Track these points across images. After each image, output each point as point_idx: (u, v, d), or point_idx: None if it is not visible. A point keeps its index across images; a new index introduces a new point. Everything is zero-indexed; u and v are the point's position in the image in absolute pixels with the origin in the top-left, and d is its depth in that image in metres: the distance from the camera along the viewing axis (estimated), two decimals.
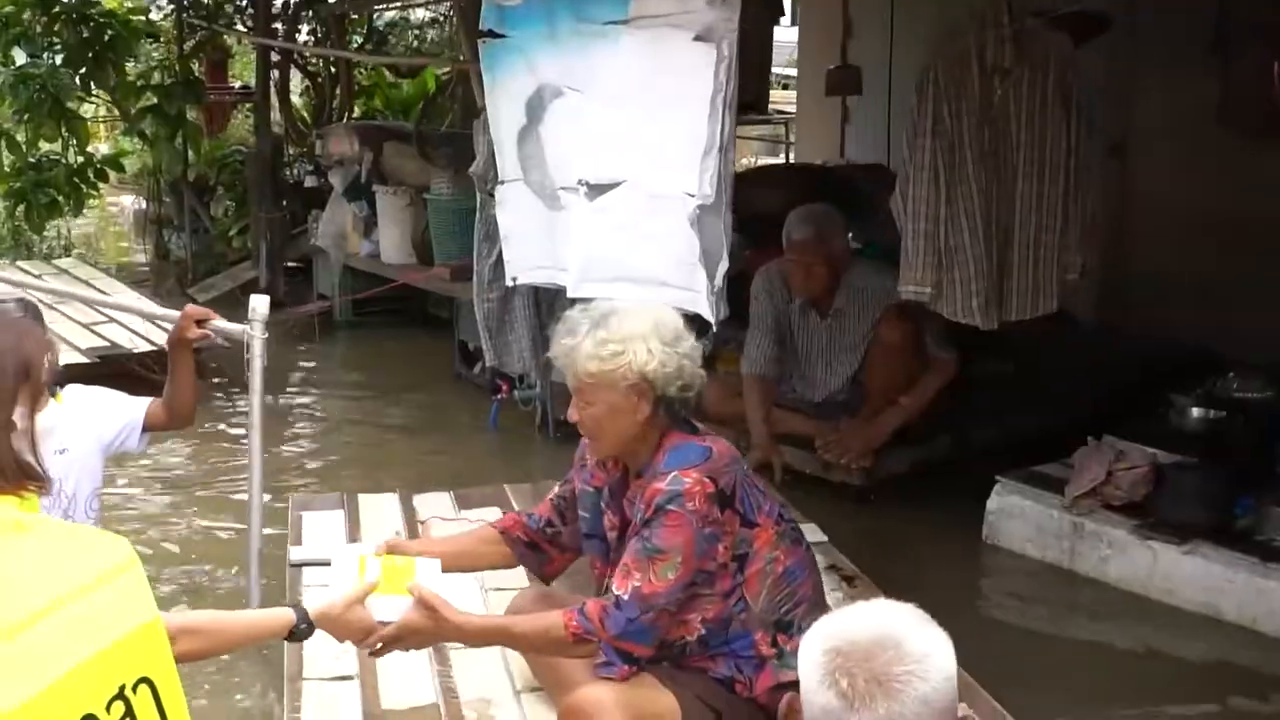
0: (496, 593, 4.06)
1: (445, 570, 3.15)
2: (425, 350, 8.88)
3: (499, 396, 7.07)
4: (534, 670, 3.50)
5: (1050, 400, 6.49)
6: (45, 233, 11.64)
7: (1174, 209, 7.49)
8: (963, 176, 5.06)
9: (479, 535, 3.55)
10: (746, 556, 3.09)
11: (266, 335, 3.98)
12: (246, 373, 4.02)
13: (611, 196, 4.66)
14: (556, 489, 3.46)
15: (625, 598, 2.98)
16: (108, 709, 1.76)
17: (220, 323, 3.89)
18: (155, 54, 11.43)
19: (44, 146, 11.04)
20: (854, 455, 5.73)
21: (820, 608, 3.20)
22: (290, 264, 10.32)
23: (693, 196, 4.34)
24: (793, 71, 12.59)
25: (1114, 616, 4.93)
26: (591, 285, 4.75)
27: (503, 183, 5.26)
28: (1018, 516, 5.44)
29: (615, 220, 4.65)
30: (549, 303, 6.47)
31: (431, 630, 3.00)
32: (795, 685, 3.15)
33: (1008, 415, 6.36)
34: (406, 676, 3.59)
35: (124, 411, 3.82)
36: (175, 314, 3.96)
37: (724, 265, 4.38)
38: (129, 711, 1.80)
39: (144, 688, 1.82)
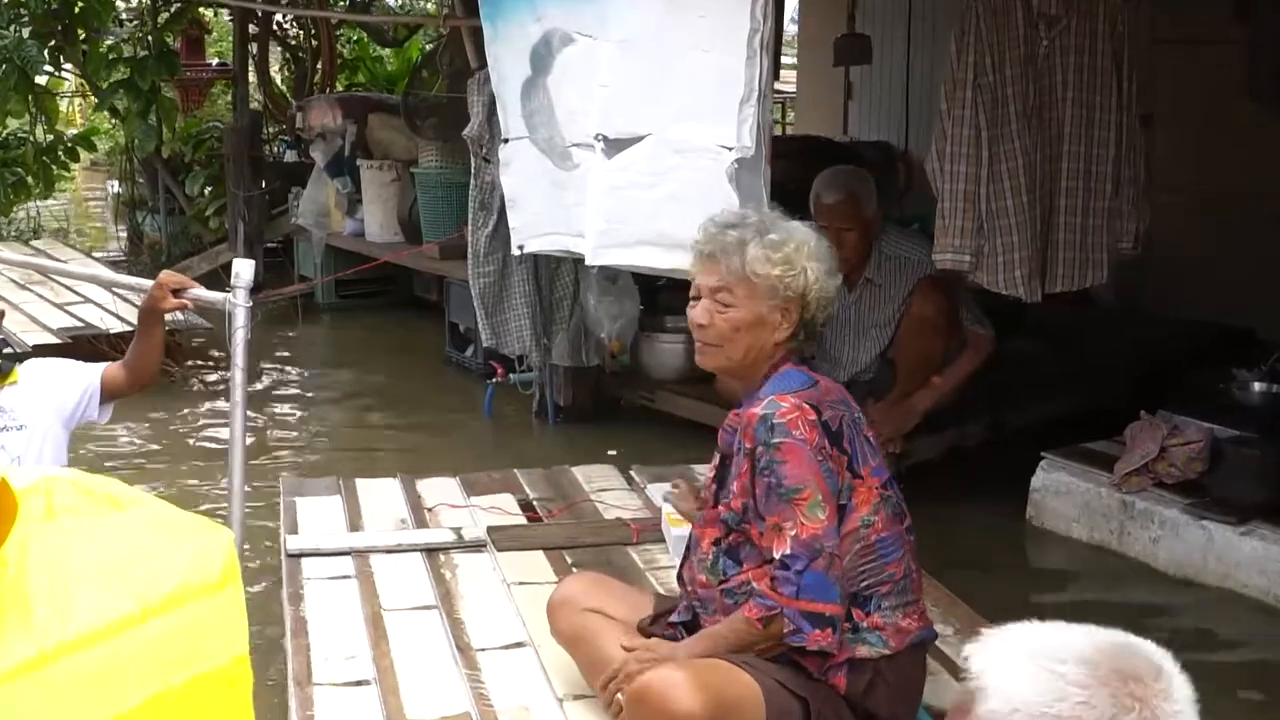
0: (519, 587, 3.70)
1: None
2: (413, 334, 8.49)
3: (494, 381, 6.64)
4: (585, 671, 3.11)
5: (1086, 381, 6.26)
6: (14, 215, 11.20)
7: (1198, 184, 7.15)
8: (1005, 134, 4.71)
9: None
10: (844, 509, 2.78)
11: (250, 304, 3.57)
12: (228, 345, 3.61)
13: (632, 153, 4.22)
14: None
15: (788, 552, 2.70)
16: None
17: (199, 291, 3.63)
18: (129, 25, 10.94)
19: (11, 124, 10.63)
20: (885, 439, 5.31)
21: (907, 597, 2.87)
22: (269, 245, 9.88)
23: (729, 149, 3.91)
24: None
25: (1165, 601, 4.68)
26: (611, 251, 4.33)
27: (506, 141, 4.82)
28: (1064, 495, 5.18)
29: (637, 179, 4.21)
30: (549, 277, 6.10)
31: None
32: (868, 664, 2.82)
33: (1043, 397, 6.09)
34: (431, 682, 3.21)
35: (80, 379, 3.58)
36: (148, 283, 3.68)
37: None
38: None
39: None
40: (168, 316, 3.81)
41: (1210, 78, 7.00)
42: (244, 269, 3.57)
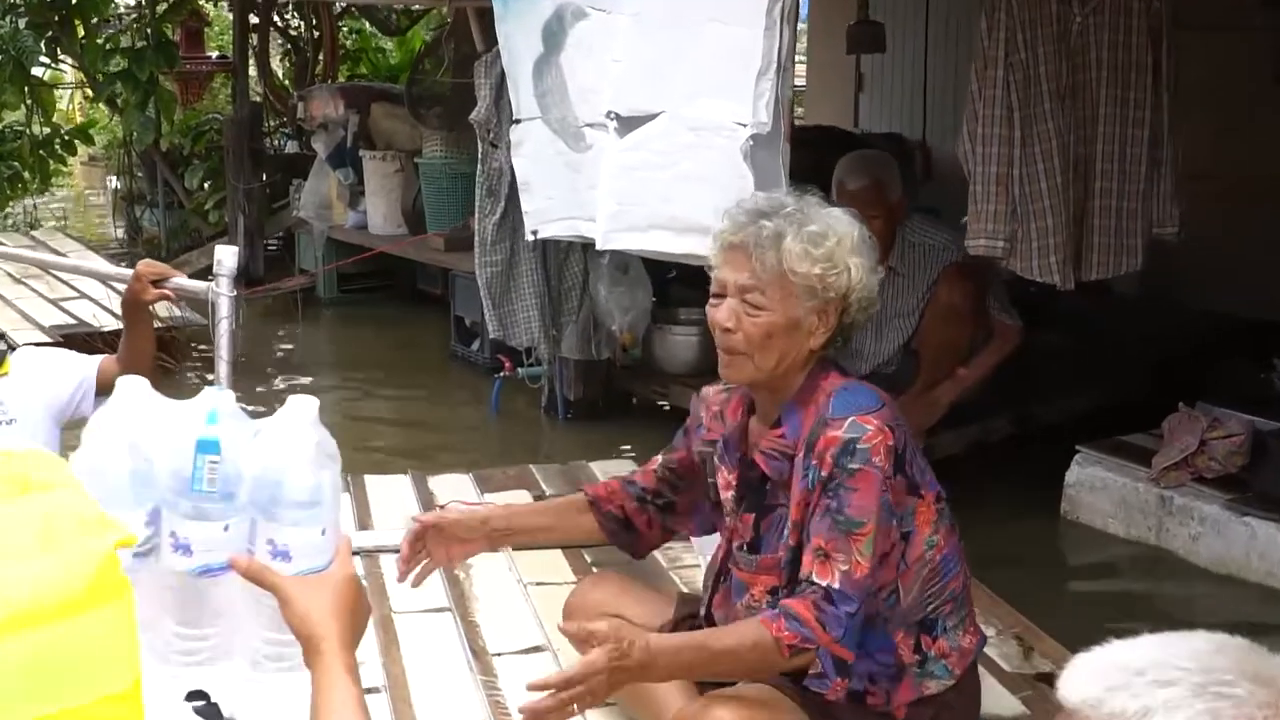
0: (537, 588, 3.51)
1: (523, 545, 2.73)
2: (416, 328, 8.27)
3: (501, 375, 6.44)
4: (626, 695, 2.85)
5: (1110, 374, 6.09)
6: (10, 210, 11.02)
7: (1222, 172, 6.97)
8: (1038, 114, 4.53)
9: (566, 504, 2.95)
10: (909, 535, 2.52)
11: (235, 294, 3.37)
12: (212, 337, 3.42)
13: (645, 131, 4.05)
14: (660, 458, 2.87)
15: (836, 587, 2.39)
16: None
17: (181, 280, 3.39)
18: (127, 18, 10.76)
19: (6, 117, 10.45)
20: None
21: (964, 610, 2.66)
22: (269, 241, 9.70)
23: (744, 126, 3.73)
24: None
25: (1205, 600, 4.50)
26: (623, 235, 4.16)
27: (518, 122, 4.64)
28: (1100, 490, 5.00)
29: (650, 158, 4.04)
30: (558, 266, 5.90)
31: (620, 668, 2.29)
32: (938, 700, 2.58)
33: (1067, 390, 5.92)
34: (445, 689, 3.07)
35: (75, 371, 3.35)
36: (129, 273, 3.46)
37: None
38: None
39: None
40: (162, 311, 3.59)
41: (1234, 64, 6.81)
42: (226, 256, 3.37)
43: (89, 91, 12.92)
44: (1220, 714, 1.16)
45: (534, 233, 4.78)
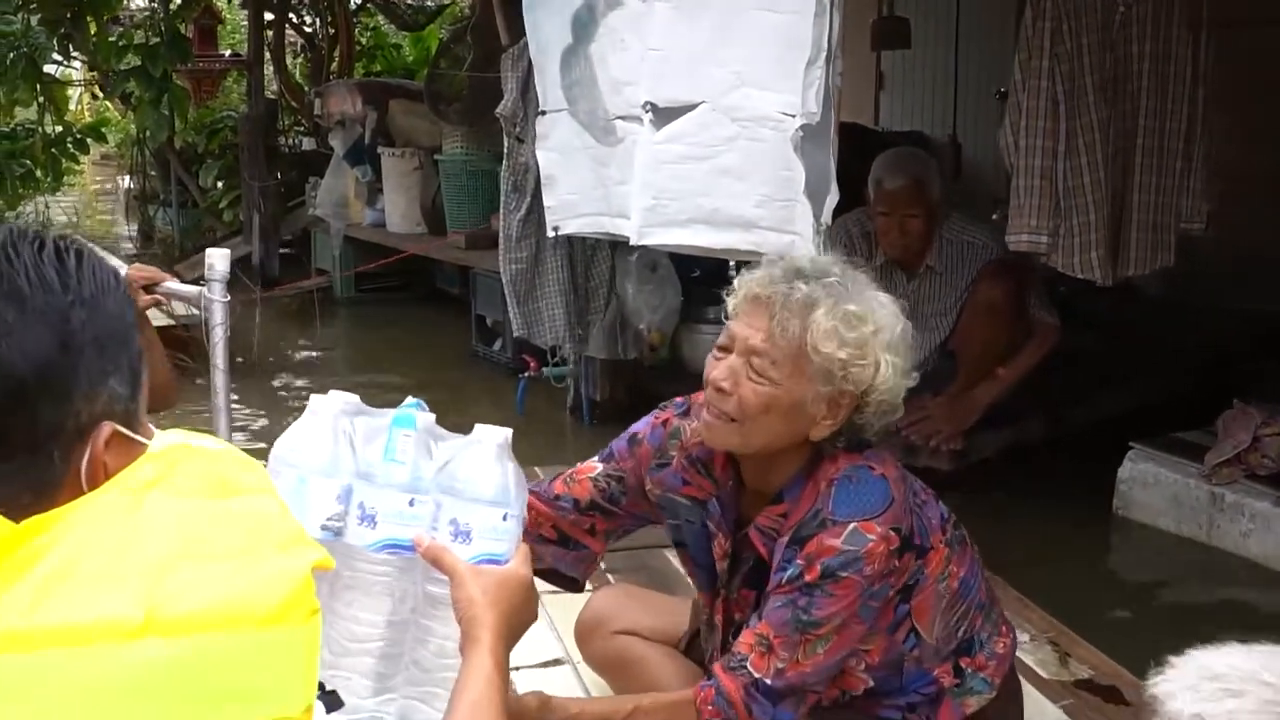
0: (553, 597, 3.35)
1: None
2: (436, 328, 8.17)
3: (526, 375, 6.31)
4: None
5: (1145, 374, 5.96)
6: (21, 209, 10.92)
7: (1245, 170, 6.83)
8: (1082, 107, 4.39)
9: None
10: (914, 586, 2.29)
11: (228, 299, 3.20)
12: (206, 345, 3.25)
13: (684, 122, 3.90)
14: (600, 467, 2.52)
15: (768, 682, 2.19)
16: None
17: (173, 284, 3.17)
18: (139, 14, 10.67)
19: (19, 114, 10.35)
20: (945, 436, 4.99)
21: (993, 615, 2.48)
22: (285, 240, 9.59)
23: (792, 116, 3.59)
24: None
25: (1259, 596, 4.40)
26: (660, 231, 4.01)
27: (544, 113, 4.51)
28: (1152, 486, 4.92)
29: (689, 151, 3.89)
30: (585, 263, 5.78)
31: None
32: (980, 715, 2.41)
33: (1103, 391, 5.77)
34: None
35: None
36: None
37: (832, 199, 3.63)
38: None
39: None
40: (179, 309, 3.43)
41: (1263, 59, 6.67)
42: (218, 260, 3.15)
43: (97, 90, 12.88)
44: None
45: (555, 229, 4.65)
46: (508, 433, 1.83)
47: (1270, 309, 6.41)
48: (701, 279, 5.96)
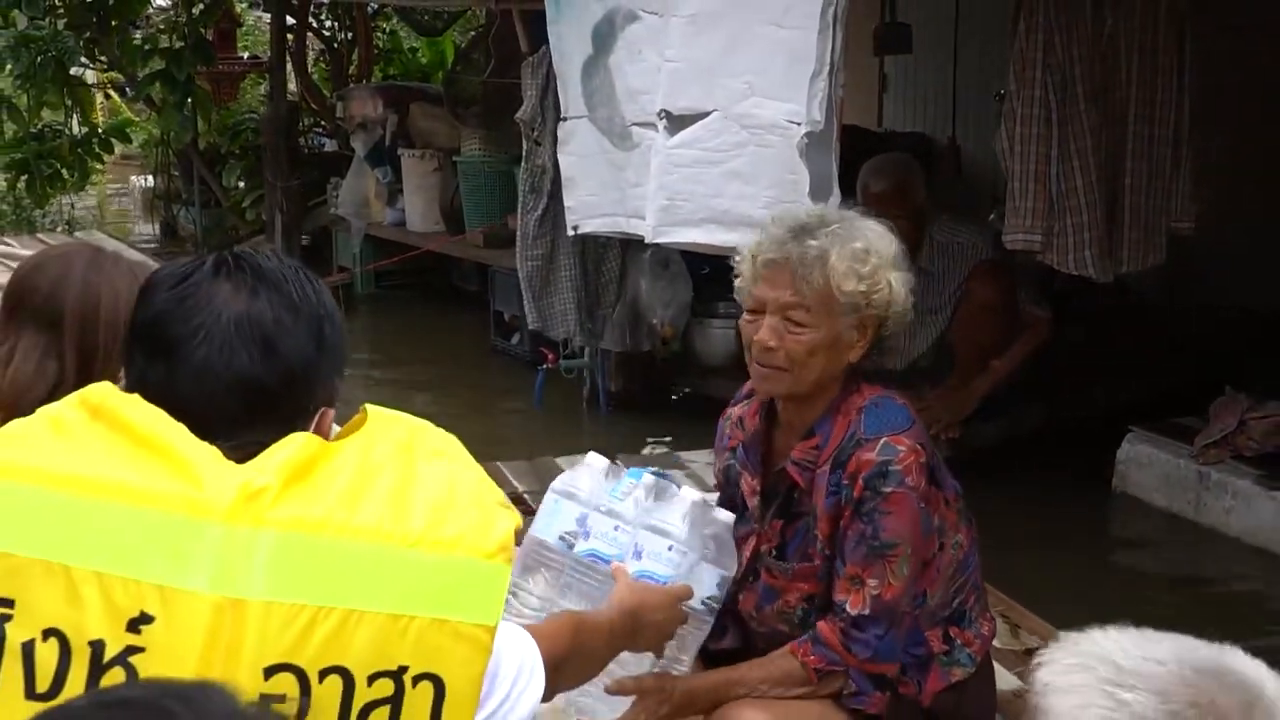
0: None
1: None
2: (455, 323, 8.43)
3: (544, 367, 6.56)
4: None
5: (1138, 369, 6.16)
6: (48, 207, 11.18)
7: (1238, 170, 7.03)
8: (1073, 114, 4.67)
9: None
10: (942, 546, 2.56)
11: None
12: None
13: (697, 129, 4.19)
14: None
15: (866, 613, 2.45)
16: (369, 681, 1.38)
17: None
18: (160, 19, 10.93)
19: (46, 116, 10.60)
20: (943, 426, 5.25)
21: (982, 593, 2.74)
22: (304, 239, 9.82)
23: (798, 124, 3.86)
24: None
25: (1236, 569, 4.81)
26: (673, 230, 4.29)
27: (565, 119, 4.78)
28: (1146, 466, 5.31)
29: (701, 155, 4.18)
30: (595, 261, 6.05)
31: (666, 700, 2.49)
32: (962, 686, 2.64)
33: (1096, 385, 6.03)
34: None
35: None
36: None
37: (834, 200, 3.91)
38: (394, 699, 1.39)
39: (427, 685, 1.41)
40: None
41: (1262, 63, 6.86)
42: None
43: (112, 92, 13.14)
44: (1094, 709, 1.26)
45: (575, 228, 4.93)
46: (702, 495, 2.53)
47: (1259, 307, 6.61)
48: (711, 275, 6.20)
